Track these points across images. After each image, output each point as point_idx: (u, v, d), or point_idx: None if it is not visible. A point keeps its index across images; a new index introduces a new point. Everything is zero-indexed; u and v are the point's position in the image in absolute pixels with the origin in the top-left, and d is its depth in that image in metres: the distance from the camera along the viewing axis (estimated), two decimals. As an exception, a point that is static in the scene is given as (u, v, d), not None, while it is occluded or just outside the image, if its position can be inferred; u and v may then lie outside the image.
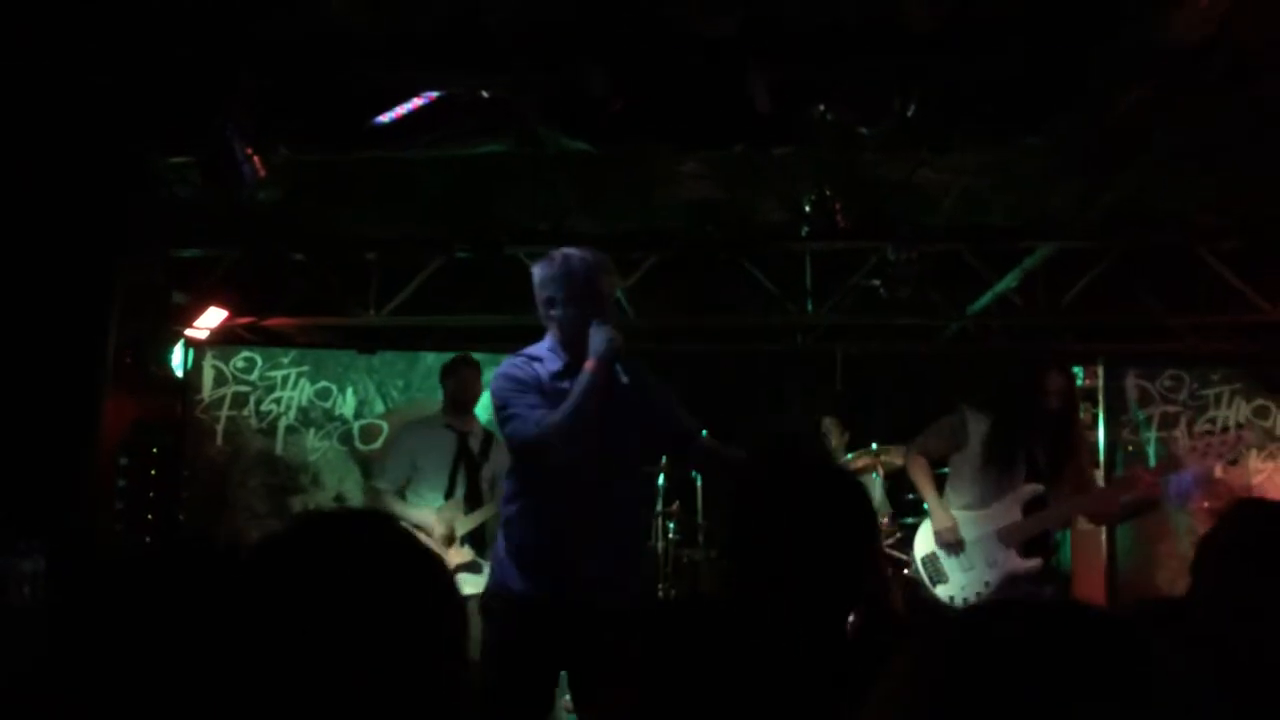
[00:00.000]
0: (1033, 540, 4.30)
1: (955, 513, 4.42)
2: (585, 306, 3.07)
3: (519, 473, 3.17)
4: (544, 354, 3.15)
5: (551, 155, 4.42)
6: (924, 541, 4.52)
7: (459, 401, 5.30)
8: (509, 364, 3.15)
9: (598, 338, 3.03)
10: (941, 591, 4.41)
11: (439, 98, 4.05)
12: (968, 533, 4.37)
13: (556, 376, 3.10)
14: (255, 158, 4.21)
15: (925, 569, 4.47)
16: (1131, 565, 6.17)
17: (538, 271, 3.18)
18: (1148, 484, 4.38)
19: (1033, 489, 4.30)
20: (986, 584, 4.32)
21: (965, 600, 4.36)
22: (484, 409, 5.40)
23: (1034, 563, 4.29)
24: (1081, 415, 6.31)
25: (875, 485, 6.60)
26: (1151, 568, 6.10)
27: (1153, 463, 6.39)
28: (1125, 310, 6.36)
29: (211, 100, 4.16)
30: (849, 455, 6.39)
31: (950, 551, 4.39)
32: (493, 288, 6.19)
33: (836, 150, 4.32)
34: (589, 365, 3.01)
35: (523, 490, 3.13)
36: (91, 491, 5.36)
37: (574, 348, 3.10)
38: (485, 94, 4.08)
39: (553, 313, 3.13)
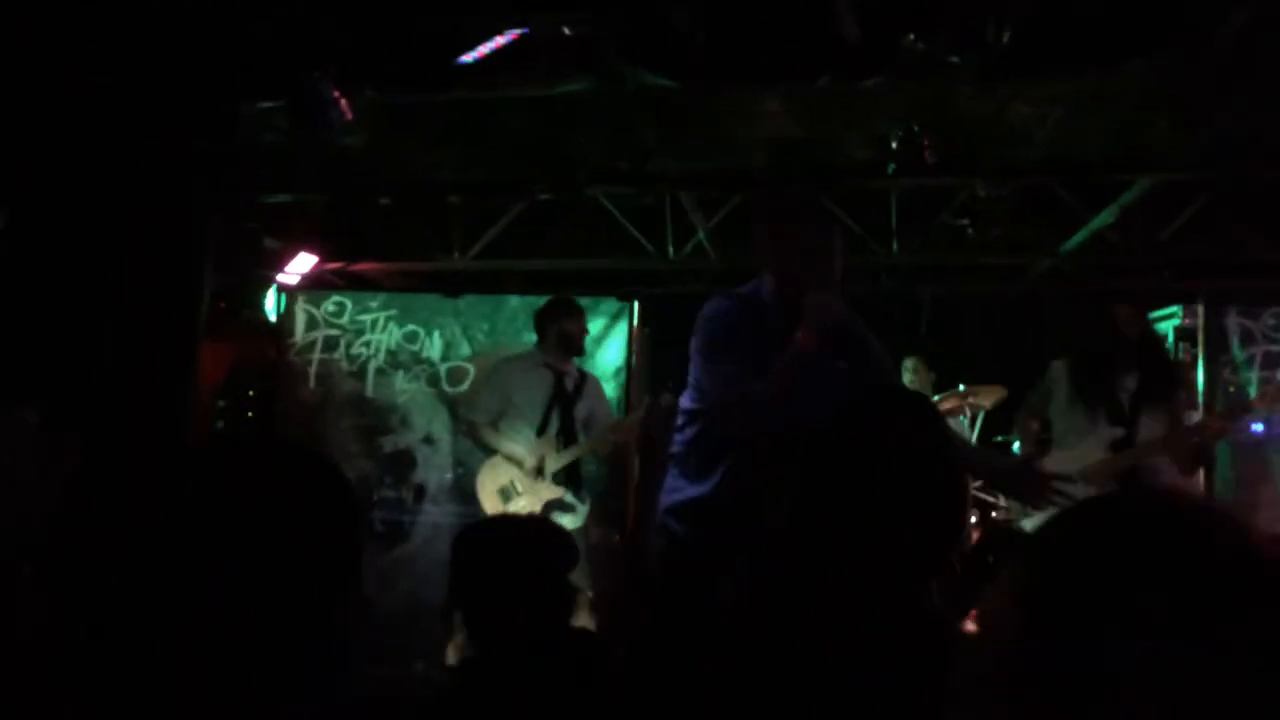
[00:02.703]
0: (1119, 478, 4.31)
1: (1052, 455, 4.44)
2: (811, 262, 2.79)
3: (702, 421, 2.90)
4: (762, 297, 2.90)
5: (632, 92, 4.38)
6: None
7: (563, 344, 5.32)
8: (721, 307, 2.88)
9: (813, 308, 2.73)
10: (1028, 525, 4.47)
11: (521, 35, 4.04)
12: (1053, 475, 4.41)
13: (771, 327, 2.82)
14: (342, 101, 4.25)
15: (1014, 506, 4.63)
16: (1231, 509, 6.01)
17: (773, 206, 2.98)
18: (1215, 428, 4.47)
19: (1114, 432, 4.35)
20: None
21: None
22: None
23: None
24: (1182, 355, 6.20)
25: (962, 427, 6.53)
26: (1252, 510, 5.94)
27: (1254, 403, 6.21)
28: (1226, 247, 6.14)
29: (298, 46, 4.20)
30: (935, 397, 6.31)
31: (1040, 496, 4.43)
32: (575, 230, 6.21)
33: (926, 82, 4.22)
34: (800, 338, 2.71)
35: (699, 436, 2.89)
36: (191, 433, 5.53)
37: (789, 303, 2.81)
38: (567, 31, 4.05)
39: (777, 256, 2.87)
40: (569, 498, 5.25)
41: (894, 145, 5.16)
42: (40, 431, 4.26)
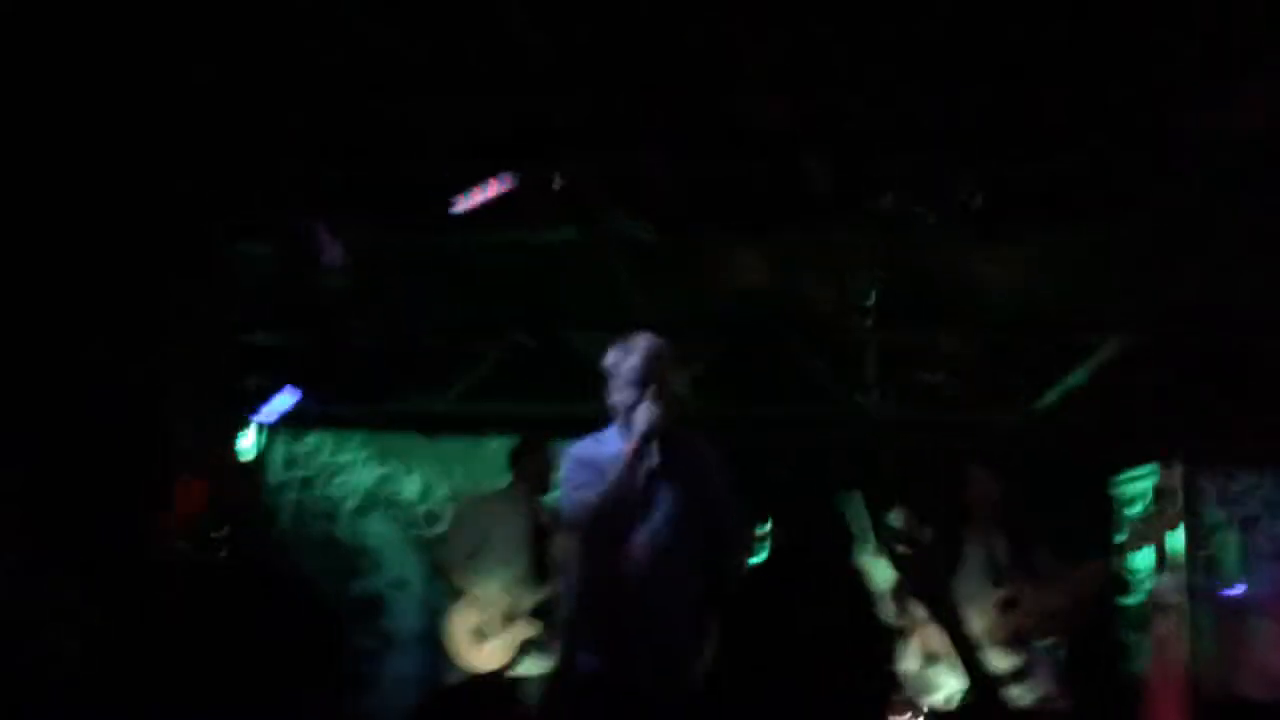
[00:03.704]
0: (1009, 641, 4.45)
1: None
2: (640, 390, 3.11)
3: (575, 549, 3.20)
4: (609, 436, 3.20)
5: (616, 243, 4.49)
6: (911, 657, 4.67)
7: (537, 484, 5.34)
8: (575, 444, 3.24)
9: (639, 416, 3.06)
10: (933, 700, 4.53)
11: (512, 185, 4.16)
12: (942, 644, 4.54)
13: (618, 458, 3.11)
14: (334, 241, 4.34)
15: (914, 682, 4.60)
16: (1212, 673, 5.92)
17: (606, 358, 3.26)
18: (1088, 575, 4.64)
19: (997, 595, 4.48)
20: (965, 690, 4.47)
21: (949, 705, 4.52)
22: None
23: (1013, 663, 4.43)
24: (1156, 513, 6.21)
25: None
26: (1233, 671, 5.86)
27: (1232, 565, 6.21)
28: (1200, 408, 6.21)
29: (290, 187, 4.31)
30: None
31: (931, 662, 4.56)
32: (556, 375, 6.24)
33: (898, 237, 4.34)
34: (628, 444, 3.05)
35: (577, 567, 3.16)
36: (156, 576, 5.43)
37: (631, 430, 3.12)
38: (555, 182, 4.18)
39: (614, 398, 3.18)
40: (544, 637, 5.16)
41: (867, 298, 5.26)
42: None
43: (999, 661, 4.45)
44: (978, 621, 4.48)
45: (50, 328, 4.56)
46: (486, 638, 5.12)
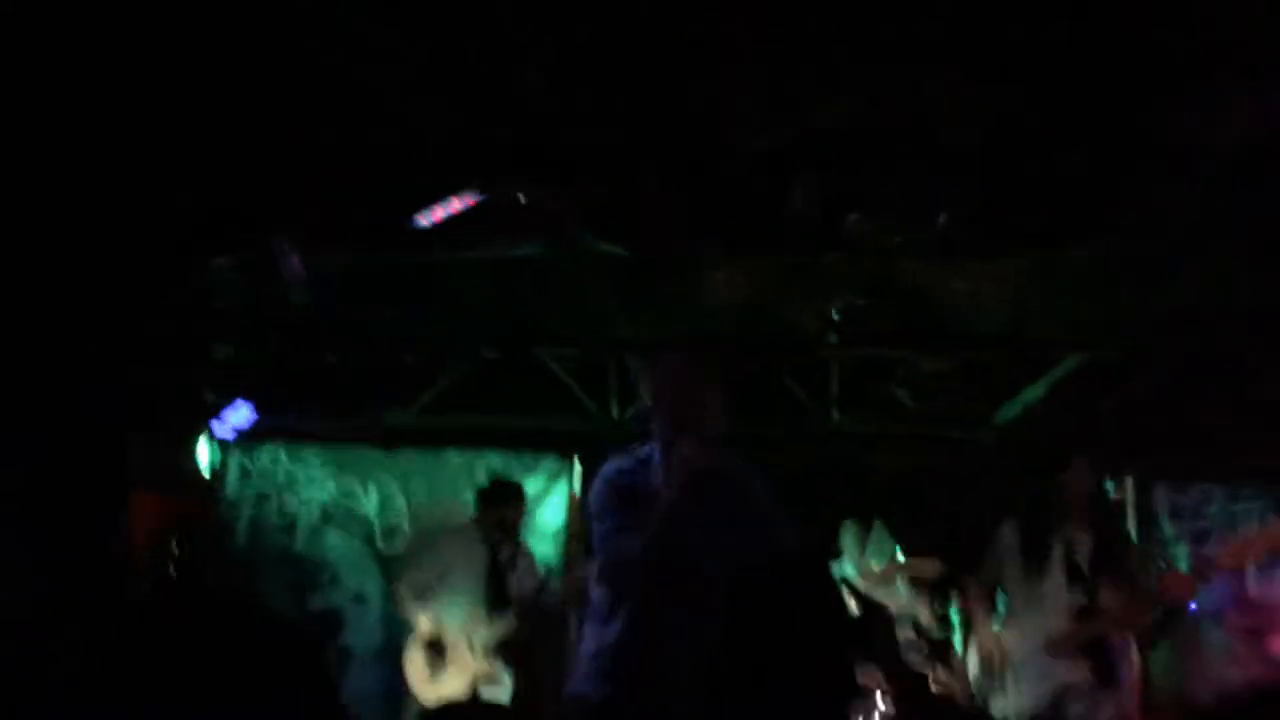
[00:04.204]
0: (1085, 648, 4.10)
1: (1003, 630, 4.25)
2: (673, 425, 2.87)
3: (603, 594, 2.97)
4: (649, 461, 2.94)
5: (587, 259, 4.46)
6: (973, 661, 4.39)
7: (500, 528, 5.34)
8: (611, 467, 2.96)
9: (677, 457, 2.80)
10: (996, 708, 4.20)
11: (477, 201, 4.11)
12: (1015, 648, 4.18)
13: (657, 499, 2.86)
14: (296, 257, 4.27)
15: (978, 688, 4.31)
16: (1166, 682, 6.01)
17: (643, 374, 3.09)
18: (1179, 589, 4.28)
19: (1075, 597, 4.13)
20: (1037, 698, 4.09)
21: (1020, 714, 4.14)
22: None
23: (1085, 672, 4.06)
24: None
25: (898, 594, 6.47)
26: (1186, 684, 5.95)
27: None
28: (1155, 422, 6.31)
29: (255, 203, 4.23)
30: (873, 563, 6.30)
31: (1001, 668, 4.19)
32: (518, 387, 6.20)
33: (868, 258, 4.36)
34: (662, 488, 2.79)
35: (601, 599, 2.96)
36: (114, 589, 5.31)
37: (669, 458, 2.86)
38: (523, 198, 4.14)
39: (652, 424, 2.97)
40: (498, 672, 5.14)
41: (836, 316, 5.29)
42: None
43: (1067, 674, 4.08)
44: (1051, 627, 4.11)
45: (12, 335, 4.44)
46: (439, 672, 5.09)
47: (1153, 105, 3.48)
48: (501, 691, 5.09)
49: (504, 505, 5.38)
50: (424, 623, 5.15)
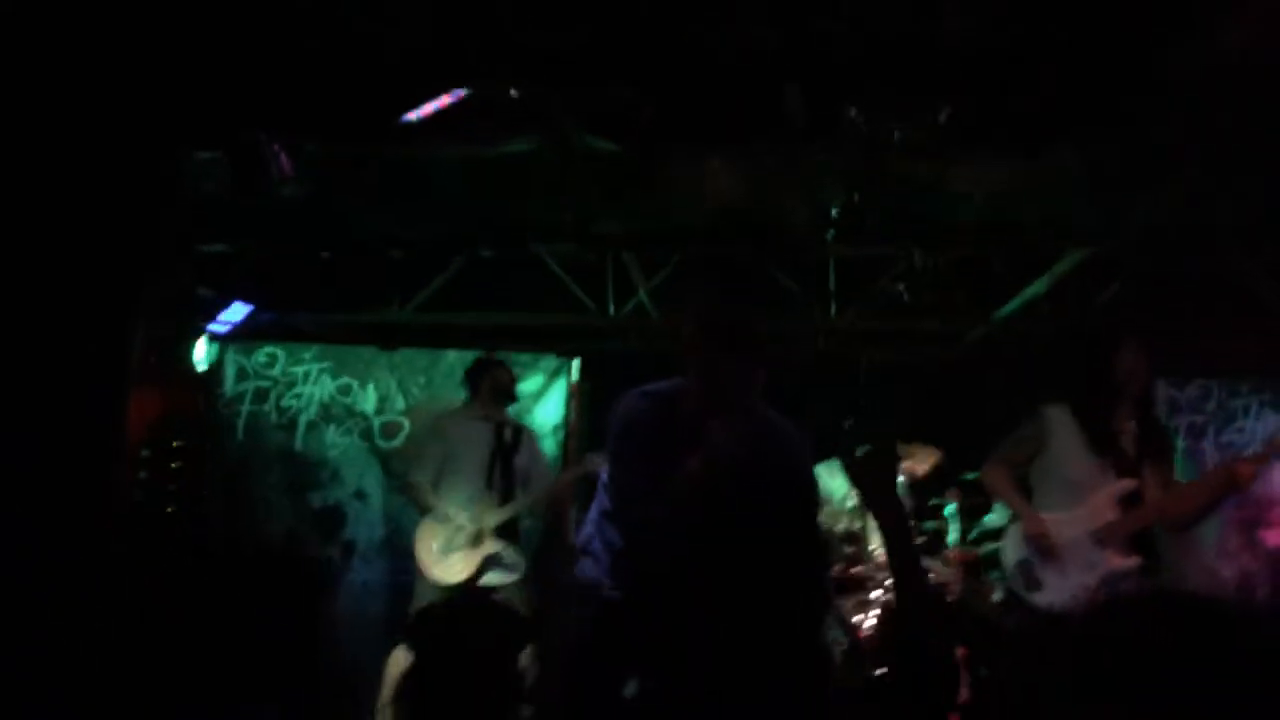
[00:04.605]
0: (1131, 538, 3.99)
1: (1045, 516, 4.09)
2: (703, 377, 2.71)
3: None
4: (679, 397, 2.79)
5: (578, 155, 4.39)
6: (1014, 548, 4.18)
7: (496, 395, 5.35)
8: (631, 407, 2.80)
9: (709, 440, 2.63)
10: (1039, 599, 4.05)
11: (467, 95, 4.03)
12: (1060, 536, 4.03)
13: (683, 427, 2.72)
14: (282, 155, 4.20)
15: (1020, 576, 4.12)
16: (1159, 579, 6.10)
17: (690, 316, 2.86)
18: (1246, 475, 3.84)
19: (1125, 485, 3.99)
20: (1086, 587, 3.93)
21: (1064, 606, 3.97)
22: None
23: (1134, 561, 3.96)
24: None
25: (899, 487, 6.55)
26: (1179, 579, 6.04)
27: (1179, 474, 6.34)
28: (1155, 317, 6.28)
29: (240, 96, 4.15)
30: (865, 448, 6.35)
31: (1045, 557, 4.04)
32: (516, 286, 6.18)
33: (865, 153, 4.28)
34: (689, 467, 2.62)
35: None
36: (113, 485, 5.37)
37: (703, 407, 2.71)
38: (513, 93, 4.05)
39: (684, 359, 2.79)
40: (506, 554, 5.20)
41: (833, 212, 5.23)
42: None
43: (1116, 562, 3.94)
44: (1099, 515, 3.97)
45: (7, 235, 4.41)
46: (449, 554, 5.15)
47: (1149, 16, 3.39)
48: (510, 574, 5.16)
49: (492, 370, 5.38)
50: (430, 508, 5.22)
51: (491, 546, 5.16)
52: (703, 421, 2.69)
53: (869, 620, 5.26)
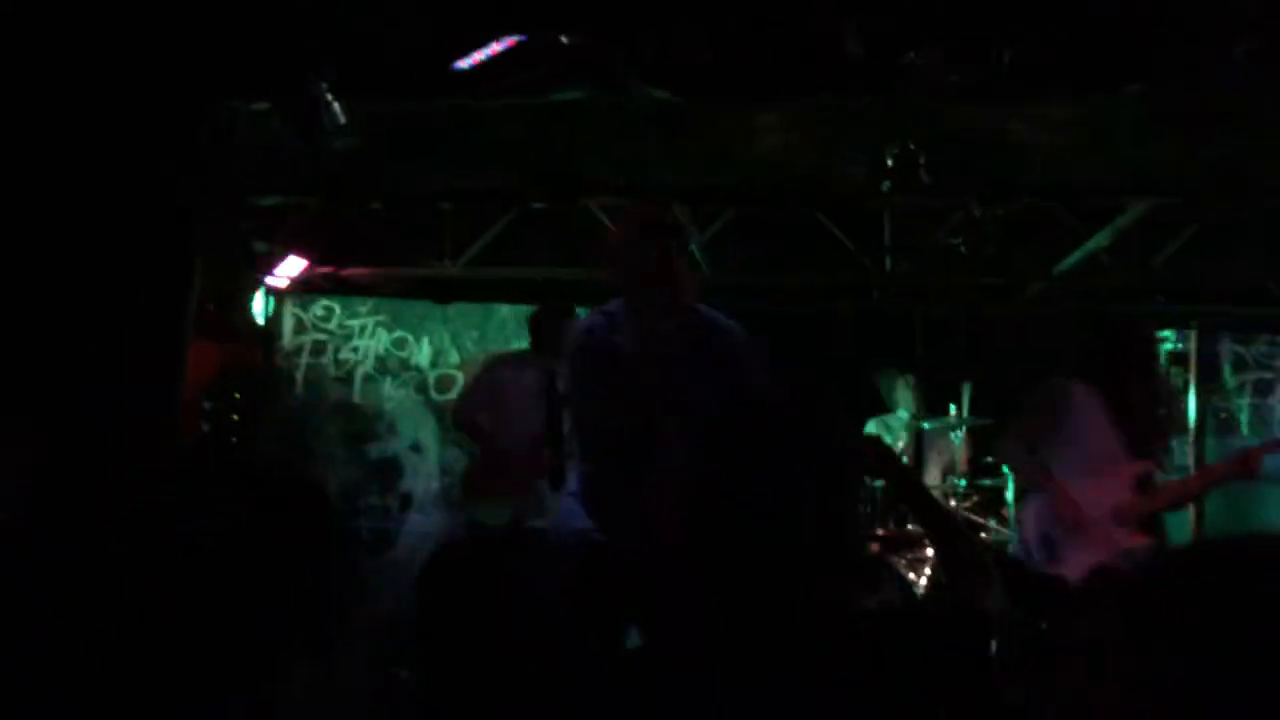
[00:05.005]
0: (1146, 520, 4.05)
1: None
2: (641, 286, 2.94)
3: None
4: (624, 322, 3.00)
5: (632, 105, 4.35)
6: (1036, 519, 4.18)
7: (553, 349, 5.36)
8: (584, 330, 3.03)
9: (645, 329, 2.88)
10: (1061, 573, 4.04)
11: (519, 43, 4.00)
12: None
13: (633, 363, 2.94)
14: (335, 105, 4.21)
15: (1041, 547, 4.13)
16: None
17: (610, 236, 3.14)
18: (1254, 462, 4.03)
19: (1143, 466, 4.06)
20: (1102, 565, 3.93)
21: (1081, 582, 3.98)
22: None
23: (1148, 541, 4.00)
24: (1175, 380, 6.15)
25: (956, 446, 6.46)
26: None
27: (1245, 430, 6.22)
28: (1221, 272, 6.13)
29: (293, 47, 4.16)
30: (925, 419, 6.28)
31: (1069, 531, 4.05)
32: (568, 240, 6.16)
33: (925, 100, 4.19)
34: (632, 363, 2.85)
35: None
36: (177, 434, 5.46)
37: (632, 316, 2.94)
38: (566, 40, 4.02)
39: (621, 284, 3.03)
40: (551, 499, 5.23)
41: (889, 163, 5.13)
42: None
43: (1129, 540, 3.98)
44: (1115, 494, 4.02)
45: (58, 191, 4.47)
46: (499, 494, 5.18)
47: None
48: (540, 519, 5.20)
49: (556, 319, 5.36)
50: (481, 447, 5.26)
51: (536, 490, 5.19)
52: (646, 325, 2.89)
53: (922, 580, 5.24)
